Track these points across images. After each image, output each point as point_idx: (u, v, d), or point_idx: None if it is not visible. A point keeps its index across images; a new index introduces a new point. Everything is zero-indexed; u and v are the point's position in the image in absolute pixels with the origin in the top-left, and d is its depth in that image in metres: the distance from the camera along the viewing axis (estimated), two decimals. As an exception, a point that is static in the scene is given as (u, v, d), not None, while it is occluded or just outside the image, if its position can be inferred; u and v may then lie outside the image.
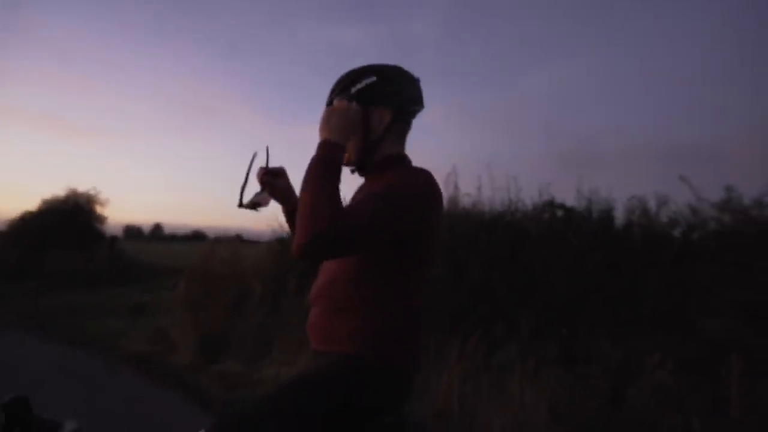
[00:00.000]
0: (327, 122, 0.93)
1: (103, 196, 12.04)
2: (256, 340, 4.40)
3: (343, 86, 1.00)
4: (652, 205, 3.36)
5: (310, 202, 0.79)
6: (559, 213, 3.78)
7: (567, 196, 3.82)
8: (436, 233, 0.96)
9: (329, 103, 1.03)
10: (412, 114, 1.04)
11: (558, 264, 3.55)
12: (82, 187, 12.23)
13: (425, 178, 0.93)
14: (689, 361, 2.46)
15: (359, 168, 1.04)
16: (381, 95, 0.98)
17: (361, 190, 1.07)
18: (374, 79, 0.98)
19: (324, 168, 0.85)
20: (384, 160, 1.01)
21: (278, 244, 5.93)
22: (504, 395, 2.61)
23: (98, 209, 11.96)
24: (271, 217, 6.04)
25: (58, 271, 9.23)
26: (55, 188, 16.40)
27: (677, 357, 2.45)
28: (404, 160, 1.03)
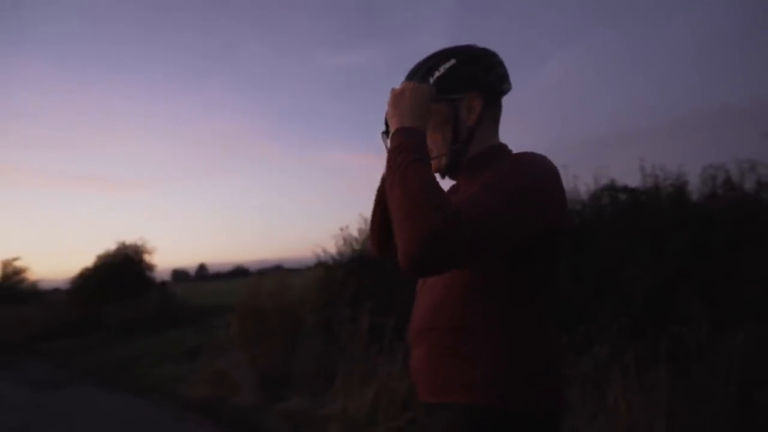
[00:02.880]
0: (396, 107, 0.78)
1: (149, 244, 12.57)
2: (316, 374, 4.24)
3: (420, 78, 0.84)
4: (735, 172, 2.97)
5: (406, 197, 0.63)
6: (623, 197, 3.44)
7: (624, 177, 3.48)
8: (564, 237, 0.75)
9: None
10: (503, 94, 0.87)
11: (633, 253, 3.21)
12: (130, 238, 12.73)
13: (549, 165, 0.74)
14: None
15: (450, 171, 0.86)
16: (466, 79, 0.82)
17: (454, 192, 0.88)
18: (453, 62, 0.83)
19: (411, 154, 0.68)
20: (482, 153, 0.83)
21: (323, 269, 5.82)
22: (605, 408, 2.29)
23: (147, 258, 12.45)
24: (312, 242, 5.96)
25: (116, 323, 9.55)
26: (107, 243, 17.28)
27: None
28: (506, 150, 0.85)
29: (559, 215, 0.73)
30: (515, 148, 0.84)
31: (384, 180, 1.03)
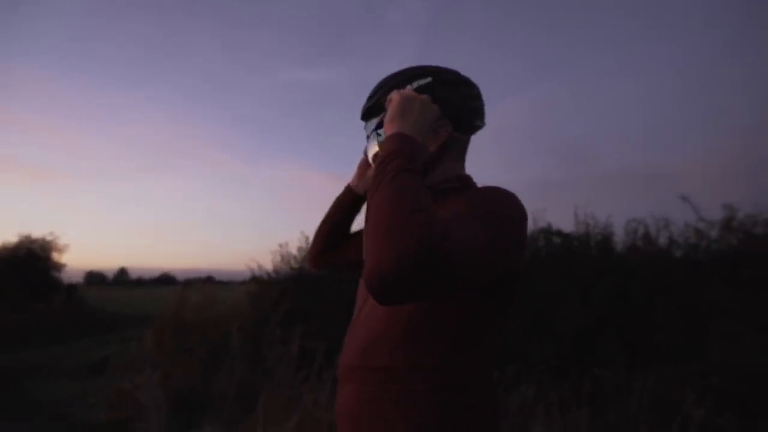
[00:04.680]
0: (401, 113, 0.70)
1: (61, 241, 11.22)
2: (235, 398, 3.93)
3: (393, 86, 0.80)
4: (652, 227, 3.27)
5: (391, 206, 0.55)
6: (557, 240, 3.63)
7: (559, 222, 3.70)
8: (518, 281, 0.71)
9: (367, 111, 0.84)
10: (474, 129, 0.84)
11: (564, 295, 3.37)
12: (38, 232, 11.37)
13: (520, 202, 0.70)
14: (723, 394, 2.27)
15: None
16: (438, 102, 0.76)
17: None
18: (429, 80, 0.79)
19: (406, 162, 0.61)
20: (445, 181, 0.79)
21: (257, 284, 5.53)
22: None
23: (55, 256, 11.12)
24: (249, 256, 5.69)
25: (5, 327, 8.30)
26: (8, 235, 15.25)
27: (704, 390, 2.26)
28: (472, 182, 0.82)
29: (522, 255, 0.68)
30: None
31: (348, 189, 0.98)
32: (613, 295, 3.24)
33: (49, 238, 11.12)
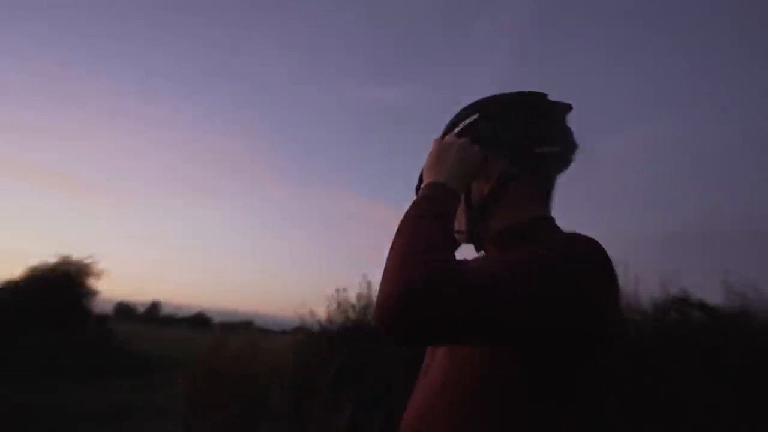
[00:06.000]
0: (437, 161, 0.68)
1: (98, 266, 10.79)
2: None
3: (446, 130, 0.75)
4: None
5: (402, 244, 0.55)
6: (697, 314, 2.94)
7: (700, 290, 2.99)
8: (613, 339, 0.57)
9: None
10: (545, 159, 0.69)
11: (708, 396, 2.62)
12: (78, 254, 11.22)
13: (593, 247, 0.57)
14: None
15: (474, 243, 0.72)
16: (486, 138, 0.69)
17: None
18: (476, 117, 0.72)
19: (431, 208, 0.60)
20: (508, 229, 0.68)
21: (305, 335, 4.94)
22: None
23: (91, 282, 10.71)
24: (297, 300, 5.17)
25: (30, 358, 7.90)
26: (48, 253, 15.31)
27: None
28: (547, 226, 0.68)
29: (600, 320, 0.55)
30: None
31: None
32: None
33: (87, 261, 10.74)
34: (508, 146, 0.68)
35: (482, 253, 0.72)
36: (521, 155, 0.68)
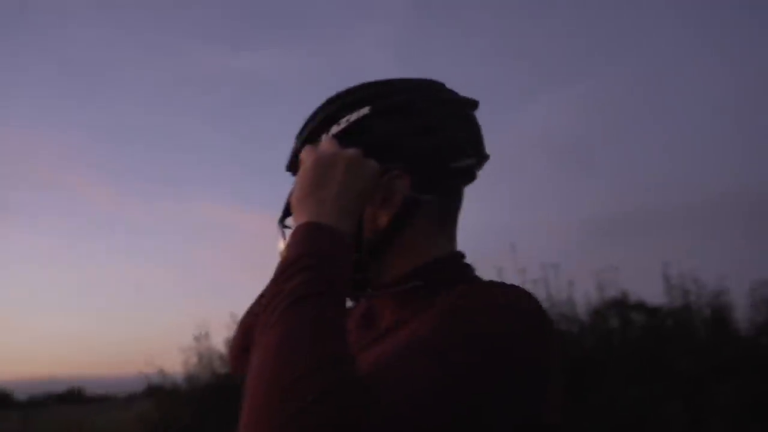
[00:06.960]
0: (318, 185, 0.47)
1: None
2: None
3: (316, 127, 0.53)
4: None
5: (274, 361, 0.36)
6: (638, 318, 2.54)
7: (639, 287, 2.60)
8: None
9: (291, 164, 0.56)
10: (459, 176, 0.54)
11: (656, 405, 2.26)
12: None
13: (537, 317, 0.43)
14: None
15: (356, 291, 0.54)
16: (384, 145, 0.51)
17: (366, 326, 0.56)
18: (367, 111, 0.52)
19: (314, 281, 0.40)
20: (412, 273, 0.51)
21: (157, 401, 3.64)
22: None
23: None
24: (140, 353, 3.86)
25: None
26: None
27: None
28: (462, 267, 0.53)
29: (542, 400, 0.42)
30: (468, 228, 0.55)
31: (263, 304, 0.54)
32: (744, 406, 2.16)
33: None
34: (416, 158, 0.51)
35: (362, 301, 0.57)
36: (432, 170, 0.52)
